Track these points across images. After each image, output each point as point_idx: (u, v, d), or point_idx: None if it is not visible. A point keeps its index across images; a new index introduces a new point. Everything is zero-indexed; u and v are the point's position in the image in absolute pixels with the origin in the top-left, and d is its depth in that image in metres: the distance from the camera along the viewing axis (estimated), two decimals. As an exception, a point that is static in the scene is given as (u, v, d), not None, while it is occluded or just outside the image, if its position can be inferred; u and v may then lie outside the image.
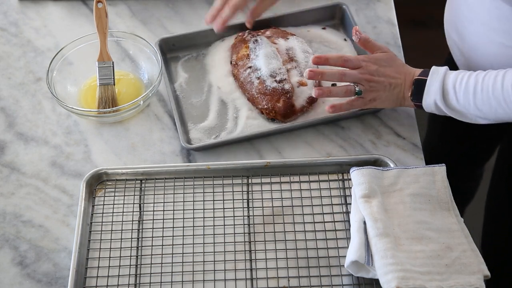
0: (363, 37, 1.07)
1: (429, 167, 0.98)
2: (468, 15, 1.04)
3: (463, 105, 0.97)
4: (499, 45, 1.00)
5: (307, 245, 0.95)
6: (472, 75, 0.97)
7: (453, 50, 1.14)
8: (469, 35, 1.06)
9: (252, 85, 1.11)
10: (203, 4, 1.31)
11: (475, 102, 0.96)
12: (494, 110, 0.95)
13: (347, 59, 1.04)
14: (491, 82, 0.94)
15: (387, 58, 1.05)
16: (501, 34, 0.99)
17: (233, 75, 1.16)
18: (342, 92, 1.04)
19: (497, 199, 1.31)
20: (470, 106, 0.97)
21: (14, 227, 0.99)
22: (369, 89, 1.03)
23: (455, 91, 0.97)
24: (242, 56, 1.15)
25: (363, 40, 1.07)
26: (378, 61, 1.04)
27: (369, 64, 1.04)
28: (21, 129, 1.12)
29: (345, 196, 1.00)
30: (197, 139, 1.08)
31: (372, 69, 1.03)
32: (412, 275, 0.85)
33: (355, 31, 1.07)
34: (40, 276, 0.94)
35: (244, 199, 1.00)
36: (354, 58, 1.04)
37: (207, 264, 0.93)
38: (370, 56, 1.05)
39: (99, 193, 1.01)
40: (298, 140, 1.09)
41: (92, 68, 1.13)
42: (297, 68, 1.13)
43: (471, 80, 0.96)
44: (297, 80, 1.11)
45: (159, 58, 1.13)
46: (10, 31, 1.27)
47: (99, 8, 1.13)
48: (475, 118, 0.99)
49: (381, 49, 1.07)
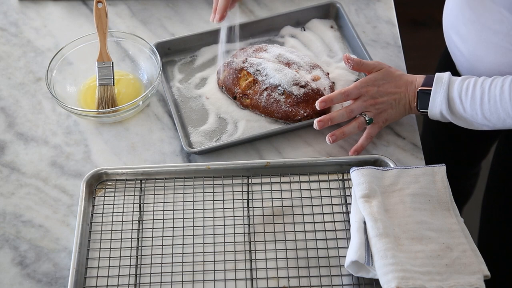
0: (356, 61, 1.06)
1: (429, 167, 0.98)
2: (470, 17, 1.04)
3: (471, 115, 0.97)
4: (501, 48, 1.00)
5: (307, 245, 0.95)
6: (477, 84, 0.97)
7: (453, 53, 1.14)
8: (471, 37, 1.05)
9: (279, 103, 1.08)
10: (203, 4, 1.31)
11: (483, 112, 0.96)
12: (502, 120, 0.95)
13: (348, 93, 1.04)
14: (497, 92, 0.94)
15: (383, 75, 1.05)
16: (502, 37, 0.99)
17: (245, 106, 1.12)
18: (355, 128, 1.04)
19: (493, 197, 1.31)
20: (478, 116, 0.97)
21: (14, 227, 0.99)
22: (377, 112, 1.04)
23: (461, 100, 0.97)
24: (248, 85, 1.11)
25: (356, 65, 1.06)
26: (376, 81, 1.04)
27: (368, 88, 1.04)
28: (21, 129, 1.12)
29: (345, 196, 1.00)
30: (198, 142, 1.08)
31: (373, 92, 1.03)
32: (412, 275, 0.85)
33: (346, 59, 1.06)
34: (40, 276, 0.94)
35: (244, 199, 1.00)
36: (354, 88, 1.04)
37: (207, 264, 0.93)
38: (367, 79, 1.04)
39: (99, 193, 1.01)
40: (298, 140, 1.09)
41: (91, 68, 1.13)
42: (301, 68, 1.12)
43: (477, 89, 0.96)
44: (311, 78, 1.11)
45: (159, 58, 1.13)
46: (10, 31, 1.27)
47: (99, 8, 1.13)
48: (481, 126, 0.99)
49: (375, 67, 1.06)
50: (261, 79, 1.10)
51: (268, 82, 1.09)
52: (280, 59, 1.13)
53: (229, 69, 1.13)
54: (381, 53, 1.22)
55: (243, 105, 1.12)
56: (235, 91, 1.12)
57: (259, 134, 1.08)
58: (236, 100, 1.13)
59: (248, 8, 1.30)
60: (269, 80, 1.09)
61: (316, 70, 1.13)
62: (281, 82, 1.09)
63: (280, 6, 1.30)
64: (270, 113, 1.10)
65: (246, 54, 1.15)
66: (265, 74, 1.10)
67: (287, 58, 1.13)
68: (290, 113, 1.09)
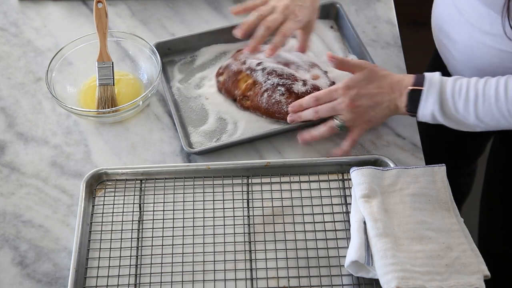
0: (338, 60, 1.04)
1: (429, 167, 0.98)
2: (458, 18, 1.03)
3: (463, 116, 0.96)
4: (491, 49, 0.99)
5: (307, 245, 0.95)
6: (470, 85, 0.95)
7: (443, 55, 1.13)
8: (460, 38, 1.05)
9: (280, 103, 1.08)
10: (203, 4, 1.31)
11: (476, 113, 0.95)
12: (496, 121, 0.94)
13: (318, 97, 1.03)
14: (492, 93, 0.93)
15: (367, 75, 1.02)
16: (491, 37, 0.99)
17: (246, 108, 1.11)
18: (326, 132, 1.03)
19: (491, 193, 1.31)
20: (470, 116, 0.95)
21: (14, 227, 0.99)
22: (356, 115, 1.02)
23: (454, 101, 0.96)
24: (248, 86, 1.10)
25: (339, 63, 1.04)
26: (357, 83, 1.02)
27: (346, 91, 1.01)
28: (21, 129, 1.12)
29: (345, 196, 1.00)
30: (199, 142, 1.08)
31: (351, 94, 1.01)
32: (412, 275, 0.85)
33: (329, 57, 1.04)
34: (40, 276, 0.94)
35: (244, 199, 1.00)
36: (326, 92, 1.03)
37: (207, 264, 0.93)
38: (347, 81, 1.02)
39: (99, 193, 1.01)
40: (298, 140, 1.09)
41: (91, 68, 1.13)
42: (300, 67, 1.12)
43: (471, 90, 0.95)
44: (310, 77, 1.11)
45: (158, 58, 1.13)
46: (10, 31, 1.27)
47: (99, 8, 1.13)
48: (473, 127, 0.98)
49: (360, 66, 1.03)
50: (261, 80, 1.10)
51: (268, 83, 1.09)
52: (278, 59, 1.13)
53: (228, 72, 1.13)
54: (381, 53, 1.22)
55: (243, 107, 1.12)
56: (235, 94, 1.12)
57: (259, 134, 1.08)
58: (237, 102, 1.12)
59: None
60: (269, 81, 1.09)
61: (315, 69, 1.13)
62: (281, 83, 1.09)
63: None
64: (271, 114, 1.09)
65: (243, 55, 1.15)
66: (264, 75, 1.10)
67: (285, 58, 1.13)
68: None
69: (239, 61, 1.13)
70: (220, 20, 1.28)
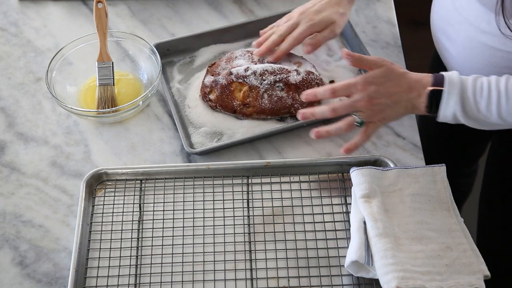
0: (355, 57, 0.98)
1: (429, 167, 0.98)
2: (457, 18, 1.03)
3: (484, 115, 0.93)
4: (490, 48, 0.99)
5: (307, 245, 0.95)
6: (491, 84, 0.93)
7: (443, 55, 1.13)
8: (459, 38, 1.05)
9: (283, 98, 1.08)
10: (203, 4, 1.31)
11: (499, 113, 0.92)
12: None
13: (335, 90, 0.97)
14: None
15: (385, 72, 0.97)
16: (489, 36, 0.99)
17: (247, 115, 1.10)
18: (342, 129, 0.98)
19: (491, 194, 1.31)
20: (492, 116, 0.93)
21: (14, 227, 0.99)
22: (373, 113, 0.97)
23: (476, 101, 0.93)
24: (245, 93, 1.08)
25: (356, 61, 0.99)
26: (376, 79, 0.96)
27: (366, 86, 0.96)
28: (21, 129, 1.12)
29: (345, 196, 1.00)
30: (199, 143, 1.08)
31: (370, 91, 0.96)
32: (412, 275, 0.85)
33: (346, 54, 0.98)
34: (40, 276, 0.94)
35: (244, 199, 1.00)
36: (345, 85, 0.97)
37: (207, 264, 0.93)
38: (366, 77, 0.97)
39: (99, 193, 1.01)
40: (298, 140, 1.09)
41: (91, 68, 1.13)
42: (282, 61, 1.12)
43: (493, 90, 0.92)
44: (296, 66, 1.11)
45: (158, 58, 1.13)
46: (10, 31, 1.27)
47: (99, 8, 1.13)
48: (494, 126, 0.96)
49: (377, 63, 0.98)
50: (257, 84, 1.08)
51: (265, 83, 1.08)
52: (255, 59, 1.12)
53: (217, 87, 1.10)
54: (381, 53, 1.22)
55: (245, 115, 1.10)
56: (234, 105, 1.09)
57: (259, 134, 1.08)
58: (237, 113, 1.10)
59: (248, 8, 1.30)
60: (265, 81, 1.08)
61: (294, 58, 1.13)
62: (278, 79, 1.08)
63: (280, 6, 1.30)
64: (277, 112, 1.09)
65: (221, 67, 1.12)
66: (258, 77, 1.08)
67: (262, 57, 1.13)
68: (295, 104, 1.08)
69: (221, 74, 1.11)
70: (220, 20, 1.28)
